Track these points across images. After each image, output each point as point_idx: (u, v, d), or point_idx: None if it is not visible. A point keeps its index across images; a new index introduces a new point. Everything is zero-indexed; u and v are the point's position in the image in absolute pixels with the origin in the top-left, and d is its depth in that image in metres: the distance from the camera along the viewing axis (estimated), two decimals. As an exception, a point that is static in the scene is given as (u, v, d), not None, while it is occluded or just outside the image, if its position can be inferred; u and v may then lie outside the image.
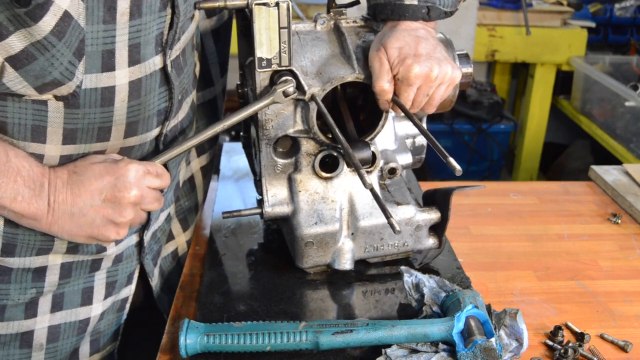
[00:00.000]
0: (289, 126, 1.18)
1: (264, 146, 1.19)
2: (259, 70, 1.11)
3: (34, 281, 1.10)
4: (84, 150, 1.03)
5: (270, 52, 1.08)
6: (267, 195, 1.23)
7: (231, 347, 1.01)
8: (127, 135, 1.05)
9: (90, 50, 0.92)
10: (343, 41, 1.18)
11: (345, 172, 1.23)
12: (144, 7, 0.95)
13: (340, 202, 1.22)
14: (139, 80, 1.00)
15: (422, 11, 1.13)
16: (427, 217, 1.24)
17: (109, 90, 0.97)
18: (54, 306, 1.14)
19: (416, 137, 1.31)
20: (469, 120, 3.67)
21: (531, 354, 1.07)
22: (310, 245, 1.20)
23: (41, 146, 0.98)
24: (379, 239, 1.23)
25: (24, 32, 0.85)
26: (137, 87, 1.01)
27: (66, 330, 1.17)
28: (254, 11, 1.04)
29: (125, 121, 1.03)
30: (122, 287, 1.24)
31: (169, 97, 1.08)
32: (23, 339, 1.13)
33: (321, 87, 1.13)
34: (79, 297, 1.17)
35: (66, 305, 1.16)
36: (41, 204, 0.96)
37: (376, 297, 1.21)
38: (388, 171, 1.23)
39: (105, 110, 0.99)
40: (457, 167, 0.96)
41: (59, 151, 1.00)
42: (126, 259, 1.22)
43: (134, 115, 1.03)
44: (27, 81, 0.91)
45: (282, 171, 1.23)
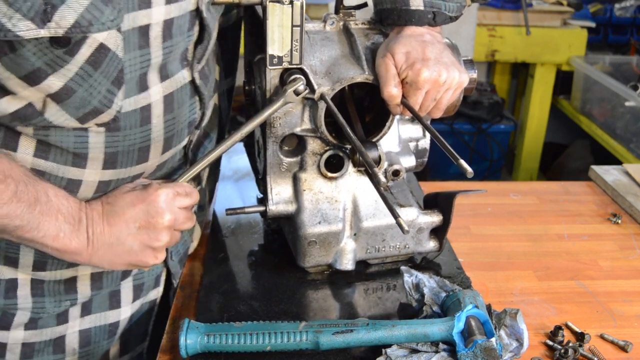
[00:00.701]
0: (296, 125, 1.18)
1: (270, 144, 1.19)
2: (270, 68, 1.11)
3: (67, 293, 1.12)
4: (123, 174, 1.04)
5: (282, 50, 1.09)
6: (271, 193, 1.23)
7: (231, 347, 1.01)
8: (163, 151, 1.07)
9: (129, 77, 0.94)
10: (352, 42, 1.18)
11: (350, 172, 1.23)
12: (174, 29, 0.96)
13: (344, 202, 1.22)
14: (171, 95, 1.03)
15: (428, 16, 1.14)
16: (429, 220, 1.24)
17: (146, 109, 1.00)
18: (83, 310, 1.16)
19: (419, 141, 1.31)
20: (469, 120, 3.67)
21: (531, 354, 1.07)
22: (313, 245, 1.20)
23: (81, 171, 1.00)
24: (381, 240, 1.23)
25: (63, 71, 0.87)
26: (170, 101, 1.03)
27: (97, 333, 1.18)
28: (267, 8, 1.04)
29: (163, 137, 1.05)
30: (149, 290, 1.24)
31: (200, 107, 1.11)
32: (56, 344, 1.14)
33: (330, 86, 1.13)
34: (106, 301, 1.18)
35: (95, 309, 1.17)
36: (81, 238, 0.97)
37: (377, 296, 1.21)
38: (392, 173, 1.23)
39: (144, 129, 1.01)
40: (468, 169, 0.96)
41: (98, 176, 1.02)
42: None
43: (170, 129, 1.06)
44: (68, 113, 0.92)
45: (287, 170, 1.23)
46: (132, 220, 0.99)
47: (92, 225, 0.98)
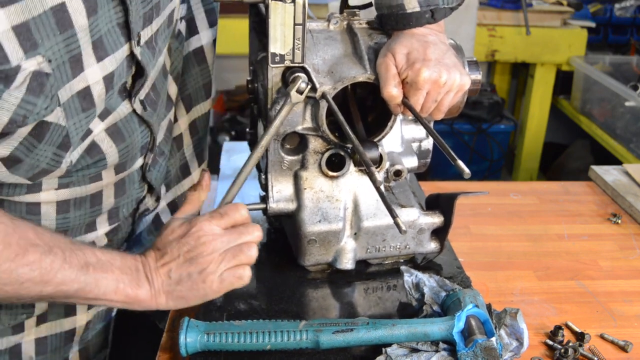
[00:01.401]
0: (297, 123, 1.18)
1: (272, 142, 1.20)
2: (272, 66, 1.11)
3: (24, 307, 1.12)
4: (79, 192, 1.05)
5: (284, 48, 1.08)
6: (272, 191, 1.23)
7: (231, 345, 1.01)
8: (117, 173, 1.09)
9: (75, 138, 0.94)
10: (355, 42, 1.18)
11: (351, 171, 1.23)
12: (115, 78, 0.95)
13: (344, 201, 1.22)
14: (115, 126, 1.02)
15: (425, 16, 1.13)
16: (430, 221, 1.24)
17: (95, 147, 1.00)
18: (38, 320, 1.16)
19: (422, 141, 1.31)
20: (469, 120, 3.67)
21: (531, 354, 1.07)
22: (312, 243, 1.21)
23: (36, 196, 1.01)
24: (381, 240, 1.23)
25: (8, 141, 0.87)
26: (116, 130, 1.02)
27: (53, 341, 1.18)
28: (270, 6, 1.04)
29: (118, 162, 1.06)
30: None
31: (149, 132, 1.11)
32: (12, 352, 1.15)
33: (332, 85, 1.13)
34: (62, 309, 1.18)
35: (50, 317, 1.17)
36: (143, 285, 0.98)
37: (377, 295, 1.21)
38: (394, 173, 1.23)
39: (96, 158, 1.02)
40: (465, 170, 0.96)
41: (54, 197, 1.03)
42: None
43: (124, 156, 1.06)
44: (18, 175, 0.93)
45: (289, 168, 1.23)
46: (178, 254, 0.99)
47: (149, 270, 0.98)
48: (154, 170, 1.20)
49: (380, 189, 0.99)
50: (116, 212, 1.16)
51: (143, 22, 0.97)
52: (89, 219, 1.11)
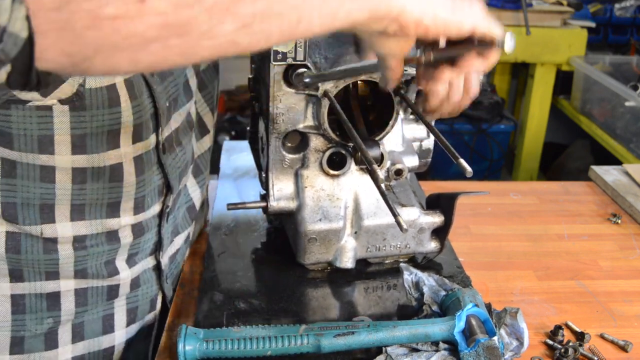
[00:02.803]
0: (299, 121, 1.18)
1: (273, 140, 1.19)
2: (274, 63, 1.11)
3: (50, 310, 1.06)
4: (97, 161, 0.99)
5: (287, 46, 1.08)
6: (272, 189, 1.23)
7: (231, 352, 1.00)
8: (134, 141, 1.02)
9: None
10: (358, 40, 1.18)
11: (352, 170, 1.23)
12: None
13: (345, 200, 1.22)
14: (129, 80, 0.97)
15: None
16: (430, 220, 1.24)
17: (113, 88, 0.94)
18: (74, 336, 1.10)
19: (423, 141, 1.31)
20: (469, 120, 3.67)
21: (531, 354, 1.07)
22: (313, 242, 1.21)
23: (50, 157, 0.95)
24: (382, 239, 1.23)
25: None
26: (130, 85, 0.97)
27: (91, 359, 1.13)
28: None
29: (133, 123, 0.99)
30: (145, 314, 1.19)
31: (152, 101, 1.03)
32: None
33: (334, 83, 1.13)
34: (99, 325, 1.12)
35: (87, 334, 1.11)
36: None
37: (377, 295, 1.21)
38: (394, 172, 1.23)
39: (113, 110, 0.95)
40: (467, 169, 0.95)
41: (69, 163, 0.96)
42: (144, 283, 1.18)
43: (138, 116, 1.00)
44: None
45: (290, 166, 1.23)
46: None
47: None
48: (169, 155, 1.12)
49: (381, 188, 0.99)
50: (142, 201, 1.08)
51: None
52: (109, 197, 1.04)
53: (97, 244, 1.06)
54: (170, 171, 1.13)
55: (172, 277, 1.26)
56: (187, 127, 1.20)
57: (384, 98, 1.15)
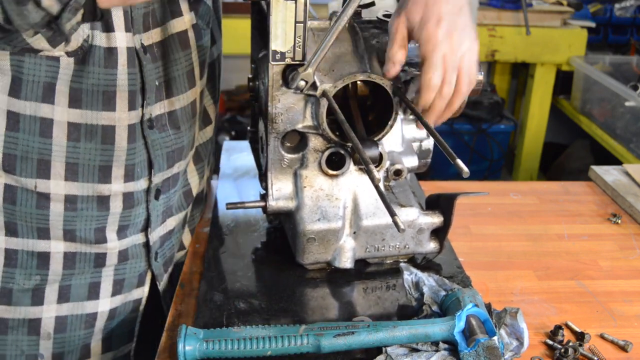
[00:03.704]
0: (298, 121, 1.18)
1: (272, 140, 1.20)
2: (273, 63, 1.11)
3: (39, 268, 1.14)
4: (90, 118, 1.06)
5: (285, 46, 1.09)
6: (272, 189, 1.23)
7: (231, 352, 1.00)
8: (130, 108, 1.08)
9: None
10: (357, 40, 1.18)
11: (351, 170, 1.23)
12: None
13: (344, 200, 1.22)
14: (131, 49, 1.05)
15: None
16: (429, 221, 1.24)
17: (112, 52, 1.03)
18: (60, 297, 1.17)
19: (423, 141, 1.31)
20: (469, 120, 3.67)
21: (531, 354, 1.07)
22: (312, 242, 1.21)
23: (50, 108, 1.04)
24: (381, 240, 1.23)
25: None
26: (132, 54, 1.05)
27: (73, 322, 1.19)
28: (271, 4, 1.04)
29: (128, 89, 1.06)
30: (132, 288, 1.25)
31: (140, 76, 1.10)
32: (31, 325, 1.17)
33: (333, 83, 1.13)
34: (85, 290, 1.19)
35: (73, 297, 1.18)
36: None
37: (377, 295, 1.21)
38: (394, 172, 1.23)
39: (109, 72, 1.03)
40: (464, 169, 0.95)
41: (65, 116, 1.04)
42: (133, 258, 1.23)
43: (133, 84, 1.07)
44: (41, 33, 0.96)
45: (289, 166, 1.23)
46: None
47: None
48: (157, 133, 1.16)
49: (379, 187, 0.99)
50: (132, 169, 1.14)
51: None
52: (101, 160, 1.10)
53: (88, 207, 1.13)
54: (155, 148, 1.16)
55: (164, 257, 1.29)
56: (189, 114, 1.22)
57: (383, 98, 1.15)
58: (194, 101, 1.22)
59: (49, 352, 1.19)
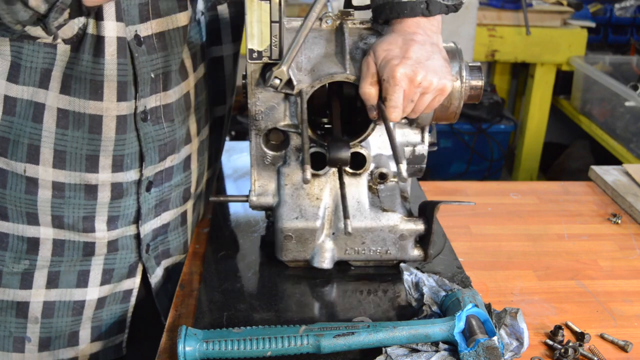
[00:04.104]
0: (279, 119, 1.20)
1: (253, 136, 1.22)
2: (250, 62, 1.13)
3: (28, 253, 1.18)
4: (78, 106, 1.08)
5: (262, 45, 1.11)
6: (254, 185, 1.26)
7: (231, 353, 1.00)
8: (119, 99, 1.09)
9: None
10: (342, 41, 1.18)
11: (334, 171, 1.23)
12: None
13: (325, 200, 1.22)
14: (122, 39, 1.06)
15: (420, 6, 1.12)
16: (411, 228, 1.22)
17: (101, 40, 1.04)
18: (49, 282, 1.20)
19: (416, 146, 1.29)
20: (469, 120, 3.67)
21: (531, 354, 1.07)
22: (289, 239, 1.21)
23: (44, 94, 1.07)
24: (361, 243, 1.23)
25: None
26: (122, 45, 1.07)
27: (61, 308, 1.22)
28: (246, 4, 1.07)
29: (117, 79, 1.08)
30: (122, 278, 1.26)
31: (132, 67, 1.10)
32: (19, 308, 1.20)
33: (310, 83, 1.14)
34: (74, 278, 1.21)
35: (61, 284, 1.21)
36: None
37: (378, 296, 1.21)
38: (378, 176, 1.23)
39: (97, 60, 1.05)
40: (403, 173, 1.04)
41: (56, 102, 1.07)
42: (123, 249, 1.24)
43: (123, 74, 1.08)
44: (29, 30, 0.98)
45: (272, 163, 1.25)
46: None
47: None
48: (150, 126, 1.16)
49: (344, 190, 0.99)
50: (120, 160, 1.15)
51: None
52: (88, 149, 1.12)
53: (75, 195, 1.15)
54: (147, 141, 1.17)
55: (157, 251, 1.29)
56: (183, 107, 1.23)
57: None
58: (187, 94, 1.23)
59: (36, 336, 1.22)
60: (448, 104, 1.20)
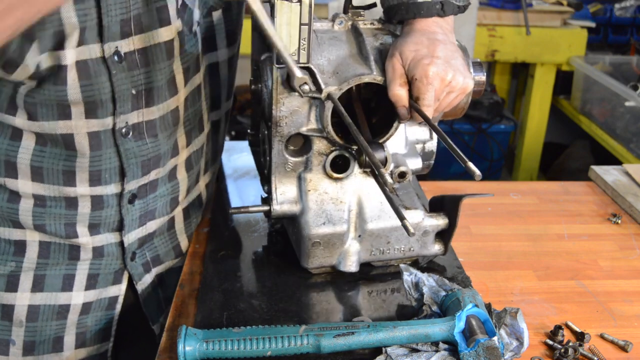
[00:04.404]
0: (302, 124, 1.17)
1: (276, 143, 1.19)
2: (277, 66, 1.10)
3: (15, 255, 1.19)
4: (48, 128, 1.08)
5: (290, 49, 1.07)
6: (275, 193, 1.22)
7: (231, 353, 1.00)
8: (87, 116, 1.08)
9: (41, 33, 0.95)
10: (360, 42, 1.17)
11: (356, 173, 1.22)
12: None
13: (349, 203, 1.21)
14: (85, 62, 1.03)
15: (436, 7, 1.13)
16: (434, 223, 1.23)
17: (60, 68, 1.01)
18: (34, 285, 1.20)
19: (426, 143, 1.29)
20: (469, 120, 3.68)
21: (531, 354, 1.07)
22: (317, 246, 1.20)
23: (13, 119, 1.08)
24: (386, 243, 1.23)
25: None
26: (84, 66, 1.04)
27: (45, 312, 1.21)
28: (276, 6, 1.03)
29: (82, 99, 1.06)
30: (107, 284, 1.25)
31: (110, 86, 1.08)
32: (4, 311, 1.20)
33: (338, 86, 1.12)
34: (59, 281, 1.21)
35: (47, 287, 1.21)
36: None
37: (379, 297, 1.21)
38: (398, 175, 1.22)
39: (59, 88, 1.03)
40: (476, 172, 0.95)
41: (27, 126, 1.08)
42: (108, 255, 1.24)
43: (88, 95, 1.06)
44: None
45: (293, 169, 1.23)
46: None
47: None
48: (132, 142, 1.15)
49: (387, 191, 0.98)
50: (98, 175, 1.15)
51: None
52: (64, 164, 1.12)
53: (56, 206, 1.16)
54: (128, 157, 1.16)
55: (145, 258, 1.29)
56: (169, 123, 1.21)
57: (387, 100, 1.15)
58: (175, 109, 1.20)
59: (20, 339, 1.22)
60: None
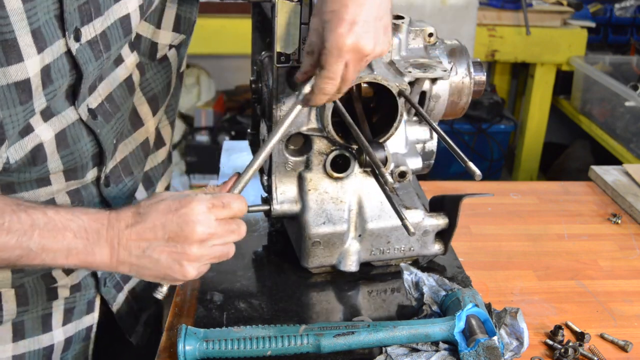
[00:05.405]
0: (302, 124, 1.17)
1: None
2: (278, 66, 1.10)
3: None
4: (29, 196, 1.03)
5: (290, 48, 1.08)
6: (276, 192, 1.22)
7: (231, 352, 1.00)
8: (68, 179, 1.06)
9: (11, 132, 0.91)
10: None
11: (356, 173, 1.22)
12: (53, 74, 0.92)
13: (349, 203, 1.21)
14: (63, 131, 1.00)
15: None
16: (434, 223, 1.23)
17: (37, 149, 0.97)
18: (15, 335, 1.14)
19: (426, 142, 1.30)
20: (469, 120, 3.67)
21: (531, 353, 1.07)
22: (317, 245, 1.20)
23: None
24: (386, 242, 1.23)
25: None
26: (62, 136, 1.00)
27: (31, 358, 1.16)
28: (277, 5, 1.03)
29: (63, 168, 1.03)
30: (82, 315, 1.23)
31: (97, 143, 1.06)
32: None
33: None
34: (39, 324, 1.16)
35: (27, 333, 1.15)
36: (103, 250, 0.94)
37: (379, 297, 1.21)
38: (398, 174, 1.22)
39: (39, 168, 0.99)
40: (476, 172, 0.95)
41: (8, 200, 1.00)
42: (84, 288, 1.22)
43: (69, 163, 1.03)
44: None
45: (293, 169, 1.23)
46: (161, 230, 0.94)
47: (117, 236, 0.94)
48: (114, 187, 1.16)
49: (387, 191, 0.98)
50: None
51: (80, 17, 0.94)
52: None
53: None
54: (115, 203, 1.16)
55: (113, 280, 1.26)
56: (140, 156, 1.20)
57: (387, 100, 1.15)
58: (145, 140, 1.20)
59: None
60: (458, 99, 1.21)
